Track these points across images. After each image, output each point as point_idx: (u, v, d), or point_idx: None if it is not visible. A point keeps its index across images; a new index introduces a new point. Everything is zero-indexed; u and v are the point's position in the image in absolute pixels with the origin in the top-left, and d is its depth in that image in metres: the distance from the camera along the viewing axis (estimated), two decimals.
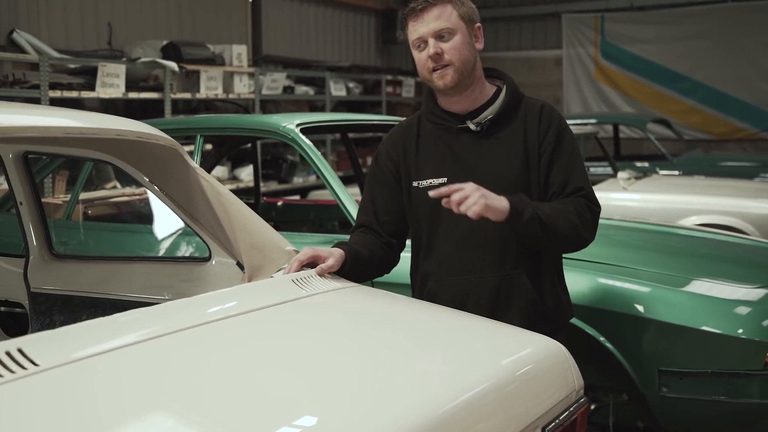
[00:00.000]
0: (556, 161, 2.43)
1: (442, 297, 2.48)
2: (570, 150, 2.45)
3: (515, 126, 2.45)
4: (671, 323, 2.97)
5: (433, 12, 2.37)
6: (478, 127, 2.45)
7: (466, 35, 2.40)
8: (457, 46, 2.38)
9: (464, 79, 2.41)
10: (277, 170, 9.49)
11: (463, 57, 2.38)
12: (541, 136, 2.43)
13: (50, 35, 7.72)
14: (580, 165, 2.48)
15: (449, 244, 2.47)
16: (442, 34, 2.37)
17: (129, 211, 5.32)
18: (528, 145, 2.43)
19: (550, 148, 2.43)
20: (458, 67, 2.38)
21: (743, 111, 12.26)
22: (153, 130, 2.45)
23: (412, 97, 12.78)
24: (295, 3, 11.16)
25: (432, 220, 2.49)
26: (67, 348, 1.61)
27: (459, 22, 2.39)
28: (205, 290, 2.51)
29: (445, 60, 2.38)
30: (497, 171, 2.42)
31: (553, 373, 2.04)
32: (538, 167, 2.43)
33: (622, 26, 12.89)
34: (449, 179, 2.41)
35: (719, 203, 5.98)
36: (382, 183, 2.59)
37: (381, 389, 1.71)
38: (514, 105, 2.47)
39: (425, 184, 2.47)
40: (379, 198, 2.59)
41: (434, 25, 2.37)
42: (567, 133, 2.47)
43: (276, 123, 3.85)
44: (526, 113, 2.46)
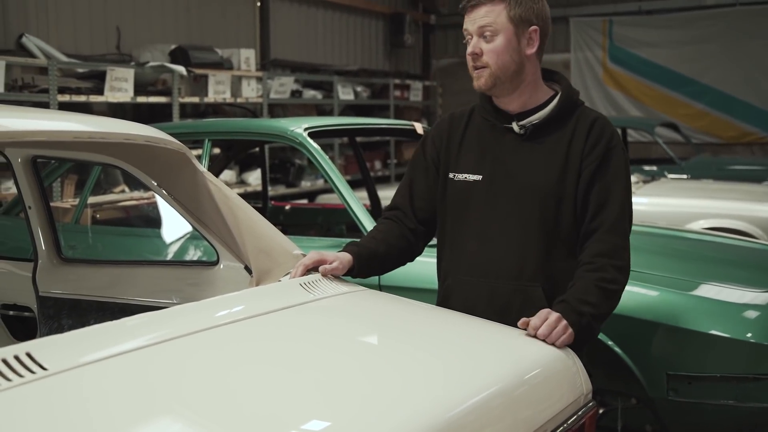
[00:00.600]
0: (597, 180, 2.33)
1: (457, 296, 2.46)
2: (615, 171, 2.34)
3: (562, 134, 2.37)
4: (680, 327, 2.96)
5: (482, 9, 2.33)
6: (522, 129, 2.39)
7: (512, 39, 2.32)
8: (496, 49, 2.32)
9: (502, 84, 2.35)
10: (285, 174, 9.51)
11: (501, 61, 2.32)
12: (587, 150, 2.34)
13: (59, 40, 7.75)
14: (621, 189, 2.35)
15: (471, 243, 2.44)
16: (485, 33, 2.32)
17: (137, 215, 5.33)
18: (570, 156, 2.35)
19: (594, 165, 2.33)
20: (494, 71, 2.33)
21: (752, 115, 12.21)
22: (161, 134, 2.46)
23: (420, 101, 12.79)
24: (303, 7, 11.18)
25: (459, 216, 2.46)
26: (76, 352, 1.61)
27: (506, 23, 2.31)
28: (213, 294, 2.51)
29: (482, 61, 2.33)
30: (532, 178, 2.36)
31: (561, 377, 2.04)
32: (576, 181, 2.34)
33: (631, 30, 12.86)
34: (484, 178, 2.40)
35: (728, 207, 5.96)
36: (422, 168, 2.56)
37: (388, 393, 1.70)
38: (564, 113, 2.39)
39: (461, 177, 2.44)
40: (417, 183, 2.56)
41: (480, 22, 2.32)
42: (616, 152, 2.36)
43: (284, 127, 3.86)
44: (577, 123, 2.37)
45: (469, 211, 2.43)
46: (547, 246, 2.37)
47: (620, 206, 2.33)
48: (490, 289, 2.40)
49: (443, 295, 2.54)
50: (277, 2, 10.63)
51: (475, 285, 2.43)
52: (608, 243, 2.30)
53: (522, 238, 2.36)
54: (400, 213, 2.57)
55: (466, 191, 2.43)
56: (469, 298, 2.42)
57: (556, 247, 2.37)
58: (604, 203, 2.32)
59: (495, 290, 2.39)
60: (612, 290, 2.27)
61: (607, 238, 2.30)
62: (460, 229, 2.47)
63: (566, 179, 2.34)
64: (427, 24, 14.21)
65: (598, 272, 2.27)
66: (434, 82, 13.76)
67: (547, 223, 2.36)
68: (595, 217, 2.33)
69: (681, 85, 12.58)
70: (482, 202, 2.41)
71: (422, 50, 14.27)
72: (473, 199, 2.42)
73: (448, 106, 13.86)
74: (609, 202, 2.32)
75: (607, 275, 2.26)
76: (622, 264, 2.31)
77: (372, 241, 2.50)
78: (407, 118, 11.07)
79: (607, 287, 2.25)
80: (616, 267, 2.29)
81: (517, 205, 2.37)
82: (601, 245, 2.30)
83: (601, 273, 2.26)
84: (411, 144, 11.79)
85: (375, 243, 2.48)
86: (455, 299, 2.45)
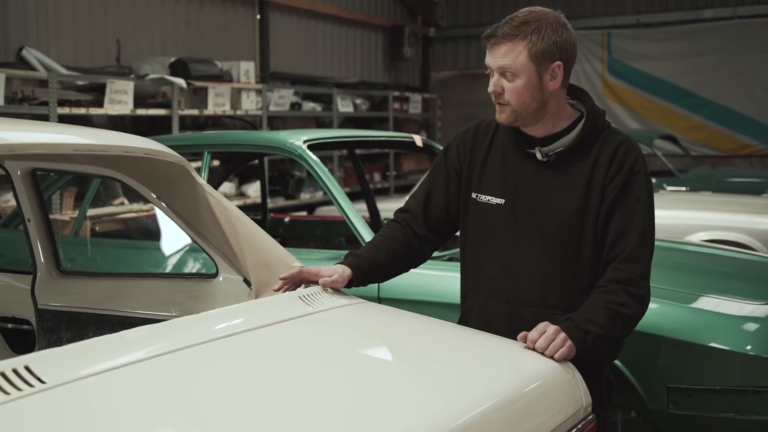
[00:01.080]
0: (618, 208, 2.28)
1: (477, 318, 2.44)
2: (636, 198, 2.28)
3: (585, 162, 2.32)
4: (679, 340, 2.95)
5: (502, 48, 2.26)
6: (545, 157, 2.35)
7: (533, 78, 2.26)
8: (517, 89, 2.27)
9: (524, 119, 2.31)
10: (284, 186, 9.52)
11: (521, 101, 2.28)
12: (609, 177, 2.29)
13: (59, 52, 7.77)
14: (641, 216, 2.28)
15: (493, 267, 2.41)
16: (506, 73, 2.28)
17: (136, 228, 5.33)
18: (593, 184, 2.30)
19: (615, 192, 2.28)
20: (516, 108, 2.29)
21: (750, 127, 12.24)
22: (161, 146, 2.46)
23: (419, 113, 12.81)
24: (303, 19, 11.21)
25: (481, 238, 2.44)
26: (74, 365, 1.61)
27: (527, 63, 2.25)
28: (212, 307, 2.51)
29: (503, 99, 2.30)
30: (554, 206, 2.32)
31: (560, 389, 2.04)
32: (598, 209, 2.29)
33: (629, 43, 12.90)
34: (507, 202, 2.37)
35: (727, 219, 5.96)
36: (443, 177, 2.53)
37: (387, 405, 1.70)
38: (589, 139, 2.33)
39: (484, 199, 2.42)
40: (434, 191, 2.54)
41: (500, 62, 2.27)
42: (639, 177, 2.29)
43: (283, 139, 3.86)
44: (601, 149, 2.32)
45: (491, 235, 2.41)
46: (570, 274, 2.34)
47: (640, 234, 2.28)
48: (512, 315, 2.37)
49: (463, 315, 2.52)
50: (277, 15, 10.66)
51: (496, 309, 2.41)
52: (625, 272, 2.26)
53: (544, 265, 2.34)
54: (410, 217, 2.55)
55: (488, 214, 2.41)
56: (489, 321, 2.40)
57: (579, 276, 2.34)
58: (624, 231, 2.28)
59: (517, 316, 2.35)
60: (622, 314, 2.22)
61: (624, 267, 2.26)
62: (481, 252, 2.45)
63: (588, 207, 2.31)
64: (426, 37, 14.25)
65: (609, 294, 2.23)
66: (433, 95, 13.79)
67: (569, 251, 2.33)
68: (615, 245, 2.28)
69: (680, 97, 12.61)
70: (504, 226, 2.39)
71: (421, 63, 14.31)
72: (496, 222, 2.40)
73: (448, 119, 13.89)
74: (628, 230, 2.27)
75: (618, 299, 2.22)
76: (638, 293, 2.25)
77: (374, 249, 2.48)
78: (406, 131, 11.09)
79: (616, 309, 2.21)
80: (631, 294, 2.24)
81: (539, 232, 2.34)
82: (617, 273, 2.27)
83: (612, 296, 2.23)
84: (410, 156, 11.82)
85: (376, 252, 2.47)
86: (475, 321, 2.43)
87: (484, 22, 13.81)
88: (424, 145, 4.47)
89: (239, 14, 10.07)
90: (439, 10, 13.93)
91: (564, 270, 2.34)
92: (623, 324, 2.24)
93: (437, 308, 3.11)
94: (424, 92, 13.60)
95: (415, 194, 2.60)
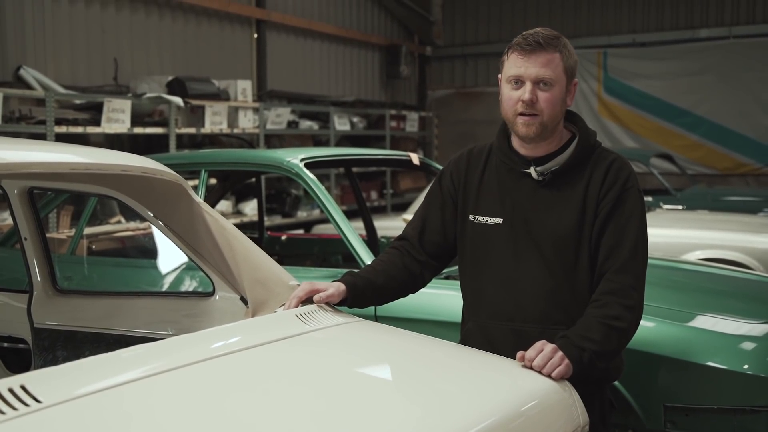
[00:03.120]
0: (611, 222, 2.31)
1: (479, 339, 2.44)
2: (629, 212, 2.32)
3: (579, 179, 2.36)
4: (677, 359, 2.95)
5: (542, 56, 2.27)
6: (540, 176, 2.38)
7: (563, 90, 2.31)
8: (553, 99, 2.29)
9: (548, 132, 2.34)
10: (281, 204, 9.52)
11: (554, 112, 2.31)
12: (602, 193, 2.33)
13: (56, 71, 7.79)
14: (634, 230, 2.32)
15: (494, 286, 2.42)
16: (544, 83, 2.28)
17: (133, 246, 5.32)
18: (587, 201, 2.34)
19: (608, 208, 2.32)
20: (545, 120, 2.30)
21: (746, 146, 12.29)
22: (158, 165, 2.47)
23: (416, 131, 12.85)
24: (300, 38, 11.26)
25: (480, 258, 2.45)
26: (71, 384, 1.60)
27: (562, 75, 2.30)
28: (209, 325, 2.50)
29: (536, 109, 2.29)
30: (550, 223, 2.35)
31: (558, 409, 2.03)
32: (592, 226, 2.33)
33: (625, 62, 12.98)
34: (505, 221, 2.39)
35: (723, 238, 5.97)
36: (438, 203, 2.55)
37: (384, 424, 1.69)
38: (582, 158, 2.38)
39: (481, 220, 2.43)
40: (430, 218, 2.55)
41: (540, 72, 2.27)
42: (631, 194, 2.34)
43: (280, 158, 3.87)
44: (594, 167, 2.36)
45: (490, 254, 2.42)
46: (569, 289, 2.36)
47: (632, 247, 2.30)
48: (516, 333, 2.37)
49: (464, 337, 2.52)
50: (274, 34, 10.71)
51: (499, 329, 2.41)
52: (617, 283, 2.28)
53: (545, 281, 2.36)
54: (407, 244, 2.56)
55: (487, 234, 2.43)
56: (492, 342, 2.40)
57: (578, 290, 2.36)
58: (617, 244, 2.30)
59: (521, 334, 2.35)
60: (616, 327, 2.23)
61: (617, 278, 2.28)
62: (481, 272, 2.46)
63: (584, 223, 2.34)
64: (423, 55, 14.32)
65: (602, 309, 2.25)
66: (430, 113, 13.84)
67: (567, 266, 2.35)
68: (608, 258, 2.31)
69: (676, 116, 12.66)
70: (504, 245, 2.40)
71: (418, 81, 14.37)
72: (495, 242, 2.41)
73: (444, 137, 13.93)
74: (621, 244, 2.30)
75: (612, 312, 2.24)
76: (630, 303, 2.26)
77: (371, 271, 2.49)
78: (403, 149, 11.12)
79: (610, 324, 2.22)
80: (624, 305, 2.25)
81: (538, 249, 2.36)
82: (610, 284, 2.28)
83: (606, 310, 2.24)
84: (407, 174, 11.83)
85: (374, 274, 2.48)
86: (477, 342, 2.42)
87: (480, 41, 13.91)
88: (421, 163, 4.48)
89: (236, 33, 10.11)
90: (435, 29, 14.01)
91: (564, 285, 2.36)
92: (618, 338, 2.25)
93: (434, 327, 3.10)
94: (421, 110, 13.65)
95: (410, 222, 2.62)
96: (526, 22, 13.29)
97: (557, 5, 13.48)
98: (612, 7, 13.16)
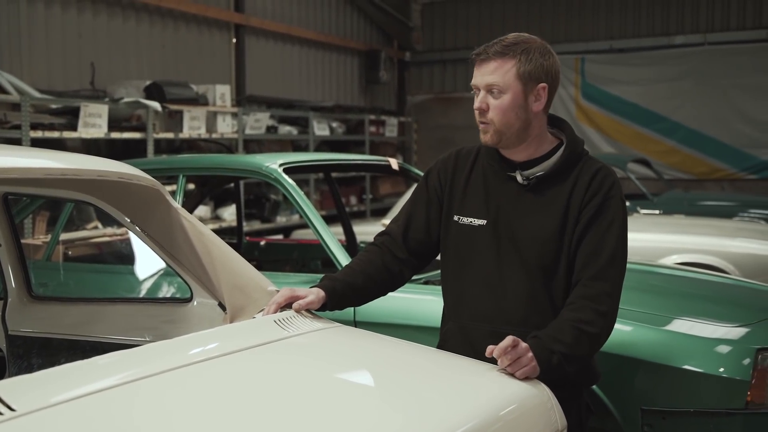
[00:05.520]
0: (591, 229, 2.32)
1: (459, 339, 2.45)
2: (610, 221, 2.32)
3: (564, 186, 2.37)
4: (654, 362, 2.97)
5: (491, 65, 2.31)
6: (525, 181, 2.39)
7: (519, 96, 2.31)
8: (502, 106, 2.31)
9: (507, 140, 2.35)
10: (260, 210, 9.49)
11: (505, 119, 2.32)
12: (586, 200, 2.33)
13: (32, 75, 7.73)
14: (613, 238, 2.32)
15: (476, 287, 2.43)
16: (492, 90, 2.32)
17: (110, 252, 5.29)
18: (570, 208, 2.35)
19: (589, 215, 2.33)
20: (498, 128, 2.33)
21: (722, 151, 12.41)
22: (135, 170, 2.45)
23: (395, 136, 12.86)
24: (279, 43, 11.24)
25: (464, 259, 2.45)
26: (45, 392, 1.58)
27: (515, 81, 2.30)
28: (186, 331, 2.49)
29: (486, 117, 2.34)
30: (533, 228, 2.36)
31: (536, 413, 2.04)
32: (573, 232, 2.34)
33: (602, 68, 13.06)
34: (488, 223, 2.40)
35: (699, 242, 6.02)
36: (423, 201, 2.56)
37: (363, 430, 1.69)
38: (569, 164, 2.39)
39: (466, 221, 2.44)
40: (415, 215, 2.56)
41: (487, 79, 2.31)
42: (614, 202, 2.35)
43: (259, 163, 3.86)
44: (579, 174, 2.37)
45: (473, 256, 2.43)
46: (549, 295, 2.37)
47: (611, 255, 2.31)
48: (496, 335, 2.33)
49: (443, 336, 2.53)
50: (253, 39, 10.69)
51: (479, 330, 2.42)
52: (593, 288, 2.29)
53: (526, 285, 2.37)
54: (389, 240, 2.56)
55: (471, 235, 2.43)
56: (471, 342, 2.40)
57: (558, 296, 2.37)
58: (595, 252, 2.31)
59: (501, 336, 2.30)
60: (588, 332, 2.24)
61: (593, 284, 2.29)
62: (463, 273, 2.46)
63: (566, 229, 2.35)
64: (402, 61, 14.35)
65: (576, 312, 2.26)
66: (409, 118, 13.86)
67: (548, 271, 2.36)
68: (586, 265, 2.31)
69: (652, 122, 12.77)
70: (487, 247, 2.41)
71: (397, 86, 14.39)
72: (478, 243, 2.42)
73: (423, 142, 13.96)
74: (600, 251, 2.31)
75: (585, 317, 2.25)
76: (604, 309, 2.27)
77: (350, 273, 2.49)
78: (382, 154, 11.14)
79: (582, 328, 2.23)
80: (597, 311, 2.26)
81: (520, 252, 2.37)
82: (586, 290, 2.29)
83: (579, 314, 2.25)
84: (386, 179, 11.84)
85: (352, 275, 2.48)
86: (458, 343, 2.43)
87: (459, 47, 13.95)
88: (400, 168, 4.49)
89: (215, 38, 10.08)
90: (414, 35, 14.05)
91: (544, 290, 2.37)
92: (589, 343, 2.27)
93: (413, 331, 3.10)
94: (400, 116, 13.66)
95: (395, 219, 2.62)
96: (504, 28, 13.36)
97: (535, 11, 13.56)
98: (589, 13, 13.26)
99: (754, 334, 3.13)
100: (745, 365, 2.93)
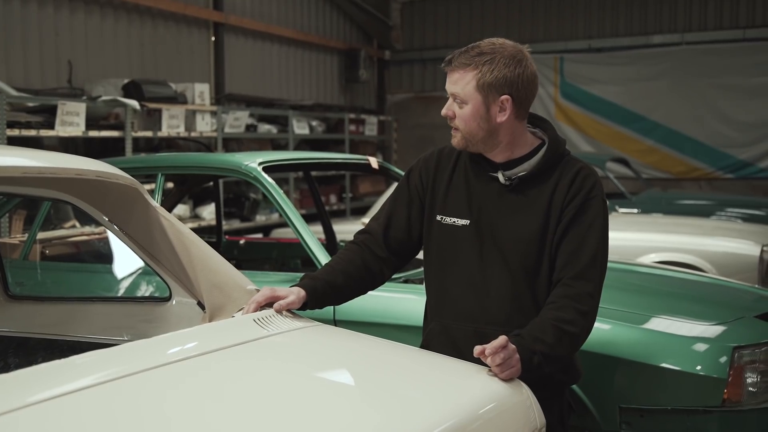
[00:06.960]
0: (571, 230, 2.33)
1: (441, 339, 2.45)
2: (591, 221, 2.34)
3: (546, 185, 2.38)
4: (631, 360, 2.99)
5: (454, 75, 2.35)
6: (507, 181, 2.40)
7: (479, 107, 2.33)
8: (464, 116, 2.35)
9: (474, 145, 2.39)
10: (239, 208, 9.46)
11: (468, 128, 2.36)
12: (567, 200, 2.35)
13: (9, 73, 7.65)
14: (595, 238, 2.34)
15: (459, 287, 2.43)
16: (456, 99, 2.36)
17: (88, 251, 5.25)
18: (552, 208, 2.36)
19: (570, 215, 2.34)
20: (465, 134, 2.37)
21: (699, 151, 12.51)
22: (113, 169, 2.44)
23: (375, 135, 12.86)
24: (258, 42, 11.21)
25: (447, 259, 2.45)
26: (23, 392, 1.57)
27: (473, 93, 2.32)
28: (165, 331, 2.48)
29: (454, 123, 2.39)
30: (515, 227, 2.37)
31: (515, 411, 2.05)
32: (555, 232, 2.35)
33: (581, 67, 13.13)
34: (471, 222, 2.41)
35: (677, 241, 6.07)
36: (405, 200, 2.56)
37: (342, 429, 1.69)
38: (550, 165, 2.40)
39: (449, 221, 2.44)
40: (396, 214, 2.56)
41: (451, 88, 2.37)
42: (595, 202, 2.36)
43: (238, 161, 3.85)
44: (562, 174, 2.38)
45: (456, 255, 2.43)
46: (533, 294, 2.38)
47: (592, 255, 2.32)
48: (479, 334, 2.36)
49: (426, 336, 2.52)
50: (232, 37, 10.64)
51: (462, 330, 2.42)
52: (574, 288, 2.30)
53: (509, 284, 2.37)
54: (370, 239, 2.56)
55: (454, 235, 2.44)
56: (454, 342, 2.41)
57: (540, 296, 2.37)
58: (576, 251, 2.32)
59: (484, 336, 2.31)
60: (569, 332, 2.25)
61: (574, 283, 2.30)
62: (446, 273, 2.46)
63: (548, 229, 2.36)
64: (382, 60, 14.35)
65: (557, 311, 2.27)
66: (389, 117, 13.86)
67: (530, 271, 2.37)
68: (567, 265, 2.32)
69: (631, 121, 12.84)
70: (469, 246, 2.41)
71: (377, 85, 14.39)
72: (461, 243, 2.43)
73: (403, 141, 13.97)
74: (581, 250, 2.32)
75: (566, 316, 2.25)
76: (585, 309, 2.29)
77: (330, 272, 2.49)
78: (362, 153, 11.11)
79: (563, 328, 2.24)
80: (578, 310, 2.27)
81: (502, 252, 2.38)
82: (567, 289, 2.30)
83: (561, 313, 2.26)
84: (366, 178, 11.84)
85: (332, 275, 2.47)
86: (441, 343, 2.43)
87: (439, 46, 13.97)
88: (379, 167, 4.49)
89: (194, 36, 10.03)
90: (394, 34, 14.05)
91: (527, 290, 2.38)
92: (570, 342, 2.28)
93: (393, 330, 3.11)
94: (380, 115, 13.66)
95: (375, 217, 2.62)
96: (483, 28, 13.41)
97: (514, 11, 13.60)
98: (568, 12, 13.31)
99: (731, 332, 3.16)
100: (722, 363, 2.96)
